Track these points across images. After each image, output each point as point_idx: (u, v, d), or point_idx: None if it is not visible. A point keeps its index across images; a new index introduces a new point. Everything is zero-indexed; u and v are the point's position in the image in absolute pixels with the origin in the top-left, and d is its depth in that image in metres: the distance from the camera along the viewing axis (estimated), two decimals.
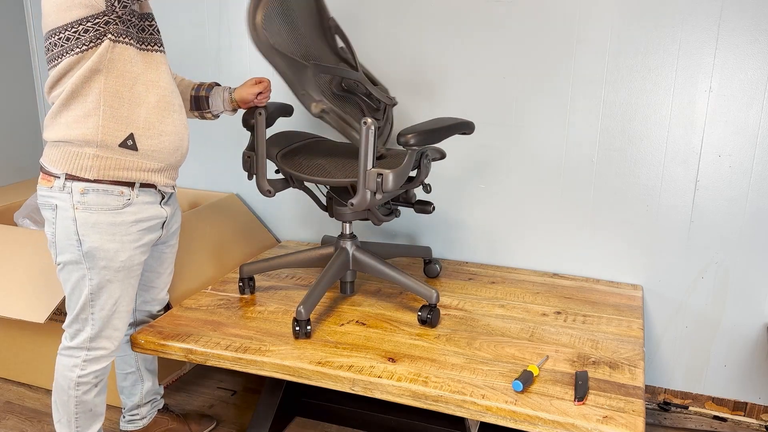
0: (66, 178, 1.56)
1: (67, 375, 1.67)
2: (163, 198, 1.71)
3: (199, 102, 1.85)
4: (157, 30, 1.63)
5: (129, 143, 1.57)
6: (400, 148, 1.99)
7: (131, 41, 1.54)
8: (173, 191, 1.77)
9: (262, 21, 1.70)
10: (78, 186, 1.56)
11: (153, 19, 1.62)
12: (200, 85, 1.86)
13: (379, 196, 1.75)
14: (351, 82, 1.90)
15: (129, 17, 1.53)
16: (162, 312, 1.94)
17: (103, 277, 1.62)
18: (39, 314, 1.99)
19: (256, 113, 1.89)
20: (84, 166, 1.55)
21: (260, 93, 1.87)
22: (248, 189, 2.66)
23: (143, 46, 1.58)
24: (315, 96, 1.76)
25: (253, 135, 1.92)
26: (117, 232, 1.60)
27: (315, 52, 1.87)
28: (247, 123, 1.92)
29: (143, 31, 1.58)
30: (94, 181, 1.56)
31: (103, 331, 1.67)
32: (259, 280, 2.19)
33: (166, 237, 1.79)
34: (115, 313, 1.67)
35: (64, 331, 1.70)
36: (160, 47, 1.62)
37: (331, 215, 2.00)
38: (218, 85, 1.88)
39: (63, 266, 1.63)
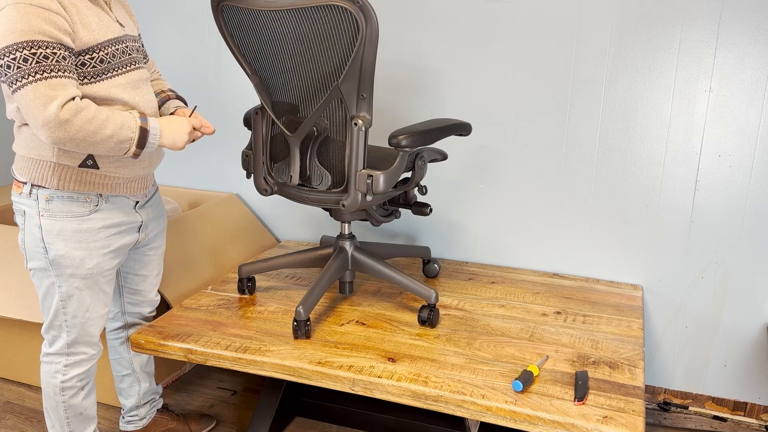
0: (32, 186, 1.55)
1: (51, 381, 1.66)
2: (137, 203, 1.68)
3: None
4: (100, 60, 1.49)
5: (89, 163, 1.54)
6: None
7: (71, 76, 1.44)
8: (149, 197, 1.73)
9: None
10: (43, 193, 1.54)
11: (97, 51, 1.48)
12: (162, 92, 1.77)
13: (369, 198, 1.74)
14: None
15: None
16: (154, 312, 1.93)
17: (71, 284, 1.60)
18: (39, 314, 1.99)
19: (253, 112, 1.89)
20: (45, 177, 1.53)
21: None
22: (248, 189, 2.66)
23: (85, 81, 1.47)
24: None
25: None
26: (83, 239, 1.57)
27: None
28: (248, 122, 1.92)
29: (84, 66, 1.47)
30: (58, 188, 1.54)
31: (79, 337, 1.65)
32: (259, 280, 2.19)
33: (146, 240, 1.77)
34: (89, 320, 1.65)
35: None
36: (106, 75, 1.51)
37: (331, 215, 2.00)
38: (180, 99, 1.78)
39: (33, 272, 1.62)
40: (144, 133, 1.51)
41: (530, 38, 2.12)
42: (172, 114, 1.74)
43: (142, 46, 1.76)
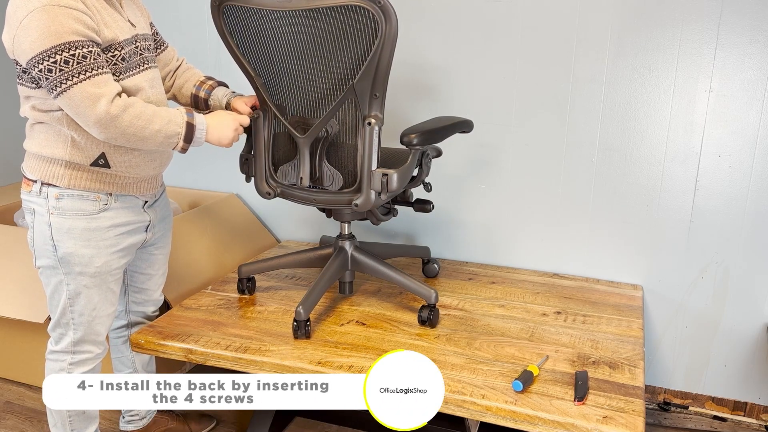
0: (42, 184, 1.55)
1: None
2: (146, 203, 1.69)
3: (197, 102, 1.83)
4: (121, 58, 1.50)
5: (101, 162, 1.54)
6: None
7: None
8: (157, 198, 1.74)
9: None
10: (53, 191, 1.54)
11: (119, 49, 1.49)
12: (202, 83, 1.82)
13: (384, 197, 1.75)
14: None
15: None
16: (157, 312, 1.93)
17: (80, 282, 1.60)
18: (39, 314, 1.99)
19: (253, 115, 1.88)
20: (56, 175, 1.54)
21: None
22: (248, 189, 2.66)
23: (114, 77, 1.48)
24: None
25: (249, 137, 1.91)
26: (92, 237, 1.58)
27: None
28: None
29: (108, 63, 1.48)
30: (68, 187, 1.55)
31: (86, 335, 1.65)
32: (259, 280, 2.18)
33: (153, 240, 1.77)
34: (96, 318, 1.65)
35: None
36: (125, 74, 1.52)
37: (329, 216, 2.00)
38: (222, 85, 1.85)
39: (42, 270, 1.62)
40: (191, 129, 1.55)
41: (530, 38, 2.12)
42: (227, 105, 1.79)
43: (158, 34, 1.77)
